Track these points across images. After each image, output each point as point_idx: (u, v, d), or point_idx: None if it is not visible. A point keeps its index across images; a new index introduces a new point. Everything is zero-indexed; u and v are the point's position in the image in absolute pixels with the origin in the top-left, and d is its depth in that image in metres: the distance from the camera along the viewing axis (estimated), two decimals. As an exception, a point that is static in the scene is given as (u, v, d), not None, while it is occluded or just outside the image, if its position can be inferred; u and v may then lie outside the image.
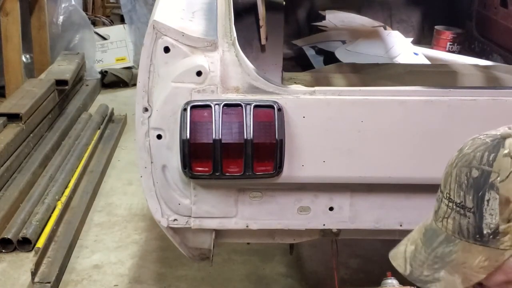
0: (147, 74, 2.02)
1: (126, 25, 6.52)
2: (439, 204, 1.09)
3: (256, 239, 2.37)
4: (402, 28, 4.20)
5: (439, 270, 1.05)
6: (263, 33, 2.58)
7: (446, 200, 1.06)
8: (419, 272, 1.08)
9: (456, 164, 1.06)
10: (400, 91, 2.05)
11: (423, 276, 1.07)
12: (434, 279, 1.06)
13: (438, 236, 1.07)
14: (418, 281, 1.09)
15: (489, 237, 1.00)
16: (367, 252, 3.37)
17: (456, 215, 1.04)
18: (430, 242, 1.08)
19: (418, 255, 1.09)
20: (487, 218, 1.00)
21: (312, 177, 2.05)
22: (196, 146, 1.95)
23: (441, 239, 1.06)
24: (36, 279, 3.06)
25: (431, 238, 1.08)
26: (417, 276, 1.09)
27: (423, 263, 1.08)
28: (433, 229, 1.09)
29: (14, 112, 4.17)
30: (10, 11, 4.92)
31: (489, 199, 1.00)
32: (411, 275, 1.10)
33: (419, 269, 1.08)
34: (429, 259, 1.07)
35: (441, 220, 1.07)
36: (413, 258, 1.10)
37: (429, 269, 1.06)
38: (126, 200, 3.99)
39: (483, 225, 1.00)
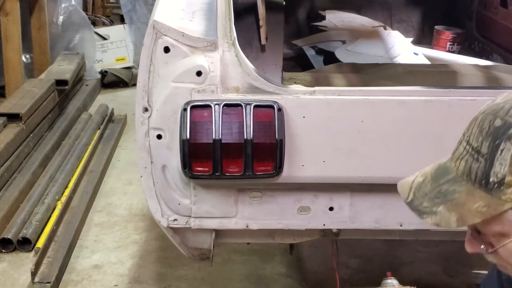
0: (147, 74, 2.02)
1: (126, 25, 6.52)
2: (458, 146, 1.12)
3: (256, 239, 2.37)
4: (402, 28, 4.21)
5: (438, 205, 1.10)
6: (263, 33, 2.58)
7: (465, 143, 1.10)
8: (419, 202, 1.13)
9: (485, 111, 1.09)
10: (400, 91, 2.05)
11: (422, 207, 1.12)
12: (431, 211, 1.10)
13: (447, 175, 1.11)
14: (416, 210, 1.13)
15: (494, 185, 1.03)
16: (367, 252, 3.37)
17: (470, 158, 1.07)
18: (438, 178, 1.12)
19: (423, 187, 1.14)
20: (497, 167, 1.03)
21: (312, 177, 2.05)
22: (196, 146, 1.95)
23: (449, 178, 1.10)
24: (36, 279, 3.06)
25: (441, 174, 1.12)
26: (416, 205, 1.14)
27: (425, 195, 1.12)
28: (446, 167, 1.13)
29: (14, 112, 4.17)
30: (10, 11, 4.92)
31: (503, 149, 1.02)
32: (411, 203, 1.15)
33: (420, 199, 1.13)
34: (433, 193, 1.11)
35: (455, 160, 1.11)
36: (418, 189, 1.14)
37: (430, 202, 1.11)
38: (126, 200, 3.99)
39: (491, 173, 1.03)
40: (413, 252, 3.40)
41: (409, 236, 2.47)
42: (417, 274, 3.23)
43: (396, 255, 3.37)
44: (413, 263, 3.33)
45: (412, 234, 2.33)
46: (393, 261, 3.30)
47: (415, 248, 3.43)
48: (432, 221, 1.11)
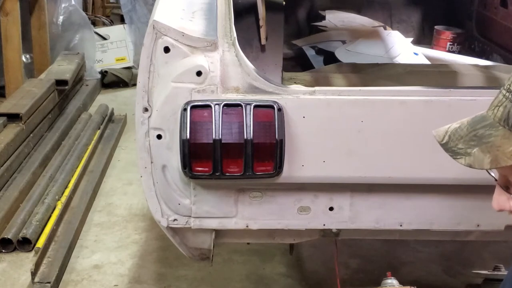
0: (147, 74, 2.02)
1: (126, 25, 6.52)
2: (497, 95, 1.15)
3: (256, 239, 2.37)
4: (402, 28, 4.21)
5: (473, 147, 1.13)
6: (263, 33, 2.58)
7: (505, 91, 1.12)
8: (454, 144, 1.16)
9: None
10: (400, 91, 2.05)
11: (457, 148, 1.15)
12: (465, 153, 1.14)
13: (484, 121, 1.14)
14: (451, 151, 1.17)
15: None
16: (367, 252, 3.37)
17: (508, 103, 1.10)
18: (475, 123, 1.15)
19: (459, 131, 1.17)
20: None
21: (312, 177, 2.05)
22: (196, 146, 1.95)
23: (486, 123, 1.13)
24: (36, 279, 3.06)
25: (478, 121, 1.15)
26: (451, 146, 1.17)
27: (461, 137, 1.16)
28: (483, 116, 1.16)
29: (14, 112, 4.17)
30: (10, 11, 4.93)
31: None
32: (446, 144, 1.18)
33: (456, 141, 1.16)
34: (469, 136, 1.15)
35: (493, 108, 1.14)
36: (454, 132, 1.18)
37: (465, 143, 1.14)
38: (126, 200, 3.99)
39: None
40: (413, 252, 3.41)
41: (409, 236, 2.47)
42: (417, 274, 3.23)
43: (396, 255, 3.38)
44: (413, 263, 3.33)
45: (412, 234, 2.33)
46: (393, 261, 3.31)
47: (415, 248, 3.43)
48: (466, 162, 1.13)
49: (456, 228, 2.23)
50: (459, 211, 2.16)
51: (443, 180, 2.05)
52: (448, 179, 2.04)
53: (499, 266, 2.61)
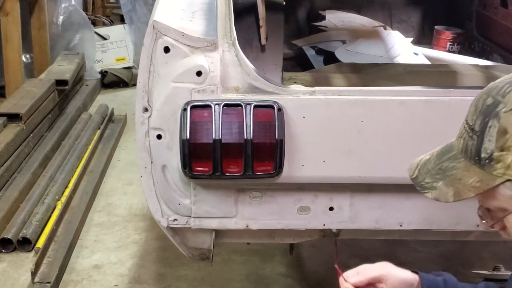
0: (147, 74, 2.02)
1: (126, 25, 6.52)
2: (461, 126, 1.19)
3: (256, 239, 2.37)
4: (402, 28, 4.21)
5: (438, 180, 1.17)
6: (263, 33, 2.58)
7: (465, 122, 1.16)
8: (422, 178, 1.21)
9: (482, 91, 1.15)
10: (400, 91, 2.05)
11: (424, 182, 1.20)
12: (431, 187, 1.18)
13: (450, 152, 1.18)
14: (419, 185, 1.21)
15: (485, 161, 1.09)
16: (367, 252, 3.37)
17: (467, 136, 1.14)
18: (442, 155, 1.19)
19: (427, 164, 1.21)
20: (486, 143, 1.09)
21: (312, 177, 2.05)
22: (196, 146, 1.95)
23: (450, 155, 1.17)
24: (36, 279, 3.06)
25: (445, 152, 1.19)
26: (419, 181, 1.21)
27: (428, 171, 1.20)
28: (451, 145, 1.20)
29: (14, 112, 4.17)
30: (10, 11, 4.93)
31: (491, 126, 1.08)
32: (415, 179, 1.23)
33: (424, 175, 1.20)
34: (435, 169, 1.19)
35: (457, 139, 1.18)
36: (423, 166, 1.22)
37: (431, 177, 1.19)
38: (126, 200, 3.99)
39: (482, 149, 1.10)
40: (413, 252, 3.41)
41: (409, 236, 2.47)
42: (417, 274, 3.22)
43: (396, 255, 3.37)
44: (413, 263, 3.33)
45: (412, 234, 2.33)
46: (393, 261, 3.30)
47: (415, 248, 3.43)
48: (432, 195, 1.18)
49: (456, 228, 2.23)
50: (459, 211, 2.16)
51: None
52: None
53: (499, 266, 2.61)
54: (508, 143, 1.07)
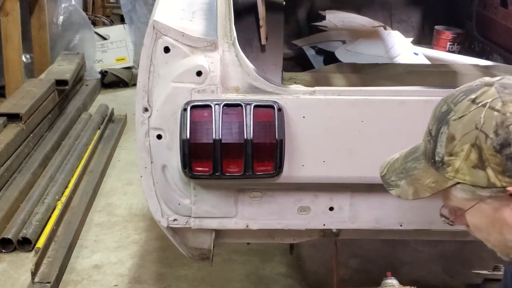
0: (147, 74, 2.02)
1: (126, 25, 6.52)
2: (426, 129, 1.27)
3: (256, 239, 2.37)
4: (402, 28, 4.20)
5: (402, 179, 1.26)
6: (263, 33, 2.58)
7: (427, 126, 1.25)
8: (389, 176, 1.30)
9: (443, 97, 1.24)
10: (400, 91, 2.05)
11: (390, 180, 1.29)
12: (395, 185, 1.27)
13: (415, 153, 1.27)
14: (386, 183, 1.30)
15: (438, 164, 1.19)
16: (367, 252, 3.37)
17: (426, 139, 1.23)
18: (408, 156, 1.28)
19: (395, 163, 1.30)
20: (438, 148, 1.18)
21: (312, 177, 2.05)
22: (196, 146, 1.95)
23: (414, 156, 1.26)
24: (36, 279, 3.06)
25: (411, 153, 1.28)
26: (386, 179, 1.31)
27: (395, 170, 1.29)
28: (417, 146, 1.28)
29: (14, 112, 4.17)
30: (10, 11, 4.93)
31: (442, 132, 1.17)
32: (383, 177, 1.32)
33: (390, 174, 1.30)
34: (400, 169, 1.28)
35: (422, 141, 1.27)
36: (392, 165, 1.31)
37: (396, 176, 1.28)
38: (126, 200, 3.99)
39: (436, 153, 1.19)
40: (413, 252, 3.41)
41: (409, 236, 2.47)
42: (417, 274, 3.23)
43: (396, 255, 3.37)
44: (413, 263, 3.33)
45: (412, 234, 2.33)
46: (393, 261, 3.31)
47: (415, 248, 3.43)
48: (395, 192, 1.27)
49: (456, 228, 2.23)
50: (459, 211, 2.16)
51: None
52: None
53: (499, 266, 2.62)
54: (456, 149, 1.15)
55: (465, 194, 1.17)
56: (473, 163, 1.13)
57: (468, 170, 1.14)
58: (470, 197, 1.17)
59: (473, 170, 1.14)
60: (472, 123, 1.13)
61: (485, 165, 1.12)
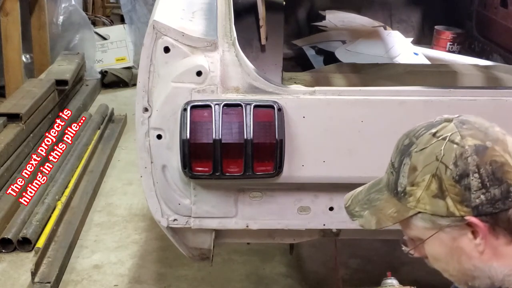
0: (147, 74, 2.02)
1: (126, 25, 6.52)
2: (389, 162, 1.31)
3: (256, 239, 2.37)
4: (402, 28, 4.20)
5: (365, 209, 1.30)
6: (263, 33, 2.58)
7: (389, 160, 1.29)
8: (353, 207, 1.33)
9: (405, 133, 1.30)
10: (400, 91, 2.05)
11: (354, 211, 1.32)
12: (359, 215, 1.30)
13: (378, 185, 1.31)
14: (350, 213, 1.33)
15: (401, 194, 1.22)
16: (367, 252, 3.36)
17: (389, 171, 1.27)
18: (371, 188, 1.33)
19: (359, 195, 1.34)
20: (401, 178, 1.23)
21: (312, 177, 2.05)
22: (196, 146, 1.95)
23: (377, 188, 1.30)
24: (36, 279, 3.06)
25: (374, 185, 1.33)
26: (350, 209, 1.34)
27: (358, 201, 1.33)
28: (380, 179, 1.33)
29: (14, 112, 4.17)
30: (10, 11, 4.92)
31: (404, 164, 1.22)
32: (348, 208, 1.35)
33: (354, 205, 1.33)
34: (363, 200, 1.32)
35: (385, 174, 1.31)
36: (355, 197, 1.35)
37: (360, 207, 1.31)
38: (126, 200, 3.99)
39: (398, 183, 1.23)
40: (413, 252, 3.40)
41: (409, 236, 2.46)
42: (417, 274, 3.22)
43: (396, 255, 3.37)
44: (413, 263, 3.32)
45: (412, 234, 2.32)
46: (393, 261, 3.30)
47: (415, 248, 3.42)
48: (360, 222, 1.30)
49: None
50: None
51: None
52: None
53: (499, 266, 2.61)
54: (417, 179, 1.19)
55: (425, 223, 1.21)
56: (434, 192, 1.18)
57: (429, 200, 1.18)
58: (430, 226, 1.21)
59: (434, 200, 1.18)
60: (433, 155, 1.19)
61: (444, 194, 1.17)
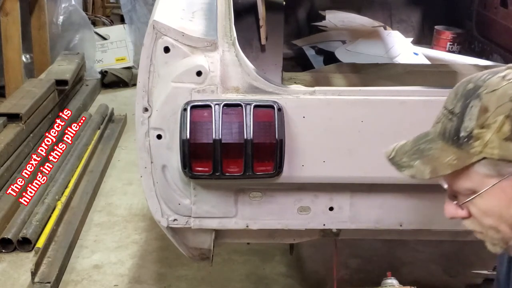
0: (147, 74, 2.02)
1: (126, 25, 6.53)
2: (438, 114, 1.29)
3: (256, 239, 2.37)
4: (402, 28, 4.20)
5: (415, 159, 1.26)
6: (263, 33, 2.58)
7: (443, 109, 1.27)
8: (399, 158, 1.30)
9: (462, 81, 1.27)
10: (400, 91, 2.05)
11: (401, 162, 1.29)
12: (408, 165, 1.27)
13: (426, 137, 1.28)
14: (396, 164, 1.31)
15: (464, 140, 1.19)
16: (367, 252, 3.37)
17: (445, 119, 1.24)
18: (418, 140, 1.30)
19: (404, 147, 1.31)
20: (466, 122, 1.19)
21: (312, 177, 2.05)
22: (196, 146, 1.95)
23: (428, 139, 1.27)
24: (36, 279, 3.06)
25: (421, 138, 1.30)
26: (396, 160, 1.31)
27: (406, 152, 1.30)
28: (426, 133, 1.30)
29: (14, 112, 4.17)
30: (10, 11, 4.92)
31: (472, 106, 1.19)
32: (392, 159, 1.33)
33: (401, 156, 1.30)
34: (412, 151, 1.29)
35: (434, 126, 1.29)
36: (400, 148, 1.32)
37: (408, 157, 1.28)
38: (126, 200, 3.99)
39: (461, 128, 1.19)
40: (413, 252, 3.41)
41: (409, 236, 2.47)
42: (417, 274, 3.23)
43: (396, 255, 3.38)
44: (413, 263, 3.33)
45: (412, 234, 2.33)
46: (393, 261, 3.31)
47: (415, 248, 3.43)
48: (409, 173, 1.27)
49: (456, 228, 2.22)
50: (459, 211, 2.16)
51: (443, 180, 2.05)
52: (448, 179, 2.04)
53: (499, 266, 2.61)
54: (488, 120, 1.16)
55: (488, 171, 1.18)
56: (506, 135, 1.14)
57: (499, 143, 1.15)
58: (493, 173, 1.17)
59: (504, 143, 1.14)
60: (506, 96, 1.15)
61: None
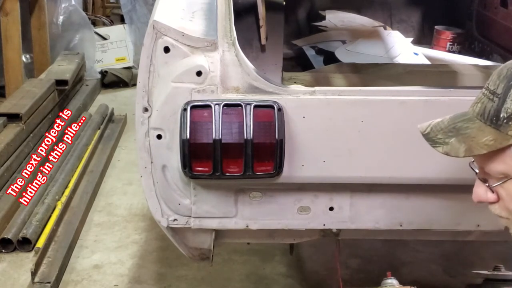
0: (147, 74, 2.02)
1: (126, 25, 6.53)
2: (478, 95, 1.29)
3: (256, 239, 2.37)
4: (402, 28, 4.20)
5: (451, 137, 1.27)
6: (263, 33, 2.58)
7: (484, 89, 1.26)
8: (434, 134, 1.31)
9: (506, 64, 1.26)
10: (400, 91, 2.05)
11: (436, 138, 1.30)
12: (444, 142, 1.28)
13: (464, 116, 1.28)
14: (431, 140, 1.32)
15: (503, 121, 1.19)
16: (367, 252, 3.37)
17: (486, 99, 1.24)
18: (455, 118, 1.30)
19: (440, 124, 1.32)
20: (508, 103, 1.18)
21: (312, 177, 2.05)
22: (196, 146, 1.95)
23: (465, 118, 1.27)
24: (36, 279, 3.06)
25: (458, 116, 1.30)
26: (431, 136, 1.32)
27: (441, 129, 1.30)
28: (463, 112, 1.30)
29: (14, 112, 4.17)
30: (10, 11, 4.92)
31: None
32: (427, 135, 1.33)
33: (436, 132, 1.31)
34: (448, 128, 1.29)
35: (473, 106, 1.28)
36: (436, 125, 1.33)
37: (444, 134, 1.29)
38: (126, 200, 3.99)
39: (503, 109, 1.19)
40: (413, 252, 3.41)
41: (409, 236, 2.47)
42: (417, 274, 3.23)
43: (396, 255, 3.38)
44: (413, 263, 3.33)
45: (412, 234, 2.33)
46: (393, 261, 3.31)
47: (415, 248, 3.43)
48: (444, 150, 1.27)
49: (456, 228, 2.23)
50: (459, 211, 2.16)
51: (443, 180, 2.05)
52: (448, 179, 2.04)
53: (499, 266, 2.61)
54: None
55: None
56: None
57: None
58: None
59: None
60: None
61: None
